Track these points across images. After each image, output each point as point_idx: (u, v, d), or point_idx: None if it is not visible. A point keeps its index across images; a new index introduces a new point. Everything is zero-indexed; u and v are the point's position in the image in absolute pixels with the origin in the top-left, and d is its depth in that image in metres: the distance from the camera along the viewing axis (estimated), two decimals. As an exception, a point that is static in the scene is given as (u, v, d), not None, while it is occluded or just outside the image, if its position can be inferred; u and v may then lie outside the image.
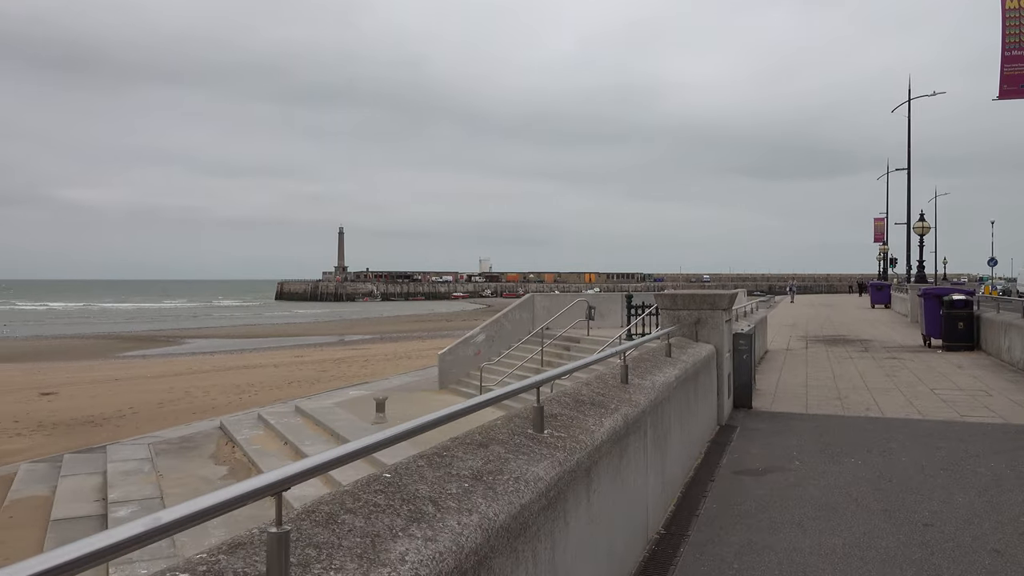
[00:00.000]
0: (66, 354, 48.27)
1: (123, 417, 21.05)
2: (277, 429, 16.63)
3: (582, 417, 4.31)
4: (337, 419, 17.04)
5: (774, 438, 8.90)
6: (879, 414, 10.38)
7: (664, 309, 9.81)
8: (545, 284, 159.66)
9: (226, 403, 22.78)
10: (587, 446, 3.86)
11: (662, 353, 7.53)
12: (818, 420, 9.95)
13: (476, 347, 24.29)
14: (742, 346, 10.65)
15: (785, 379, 14.03)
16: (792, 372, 15.06)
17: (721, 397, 9.70)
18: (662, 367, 6.76)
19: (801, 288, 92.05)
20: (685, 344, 8.79)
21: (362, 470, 6.73)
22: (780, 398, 11.85)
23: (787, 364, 16.48)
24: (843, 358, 17.58)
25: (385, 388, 22.46)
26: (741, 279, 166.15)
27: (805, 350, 19.64)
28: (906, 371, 15.05)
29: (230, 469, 15.10)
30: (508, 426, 3.74)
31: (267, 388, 25.85)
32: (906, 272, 42.84)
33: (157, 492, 13.47)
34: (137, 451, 16.39)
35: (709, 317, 9.63)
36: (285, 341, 55.77)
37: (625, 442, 4.70)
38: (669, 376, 6.48)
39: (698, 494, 6.63)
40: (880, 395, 12.05)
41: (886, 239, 64.54)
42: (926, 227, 32.54)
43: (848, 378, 14.12)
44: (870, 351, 19.21)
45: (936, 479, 7.03)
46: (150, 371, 34.77)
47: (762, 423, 9.84)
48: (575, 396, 4.82)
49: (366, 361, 35.64)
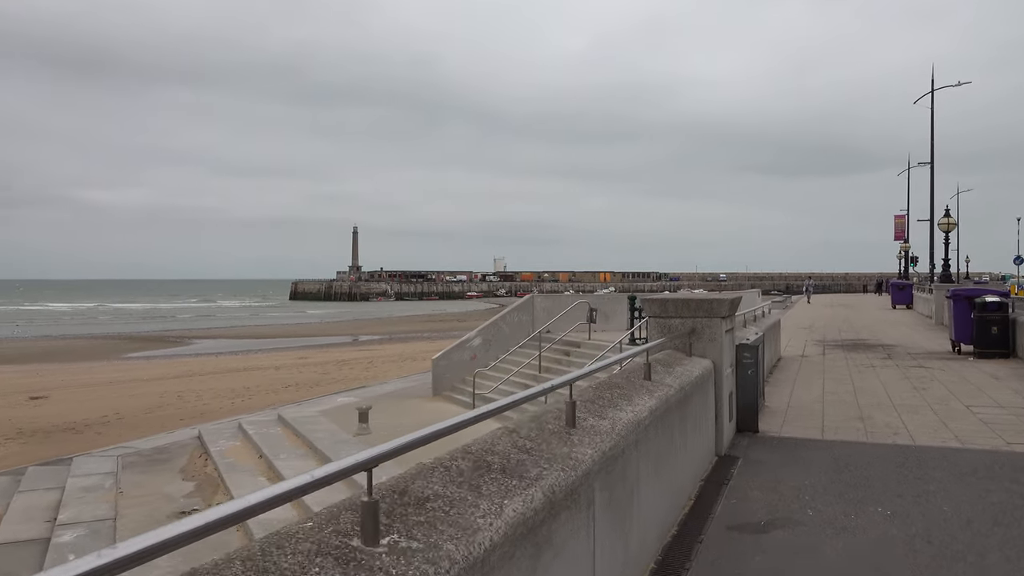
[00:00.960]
0: (71, 355, 48.04)
1: (106, 424, 20.12)
2: (255, 440, 15.63)
3: (471, 500, 2.79)
4: (318, 430, 16.20)
5: (783, 474, 7.33)
6: (909, 440, 8.77)
7: (653, 317, 8.26)
8: (560, 283, 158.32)
9: (217, 408, 21.94)
10: (457, 565, 2.34)
11: (639, 375, 6.00)
12: (836, 449, 8.36)
13: (472, 351, 23.38)
14: (747, 360, 9.08)
15: (798, 394, 12.41)
16: (807, 385, 13.44)
17: (720, 422, 8.14)
18: (634, 397, 5.23)
19: (818, 287, 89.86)
20: (674, 360, 7.24)
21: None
22: (792, 418, 10.26)
23: (801, 374, 14.87)
24: (864, 367, 15.95)
25: (377, 394, 21.73)
26: (758, 278, 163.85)
27: (822, 357, 18.00)
28: (936, 383, 13.41)
29: (197, 485, 13.96)
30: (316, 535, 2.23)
31: (263, 392, 24.99)
32: (929, 271, 40.94)
33: (112, 512, 12.33)
34: (103, 464, 15.35)
35: (706, 327, 8.07)
36: (292, 342, 55.17)
37: (547, 529, 3.15)
38: (641, 410, 4.94)
39: (678, 565, 5.07)
40: (908, 414, 10.43)
41: (907, 237, 62.46)
42: (951, 223, 30.57)
43: (870, 392, 12.50)
44: (894, 358, 17.56)
45: (989, 539, 5.44)
46: (149, 373, 34.12)
47: (769, 452, 8.27)
48: (481, 454, 3.31)
49: (370, 363, 34.65)
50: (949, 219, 30.71)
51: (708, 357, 8.03)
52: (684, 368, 7.01)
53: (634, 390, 5.47)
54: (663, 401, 5.56)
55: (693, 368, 7.19)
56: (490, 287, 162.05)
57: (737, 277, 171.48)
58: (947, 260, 30.87)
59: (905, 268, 60.20)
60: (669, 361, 7.08)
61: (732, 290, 56.86)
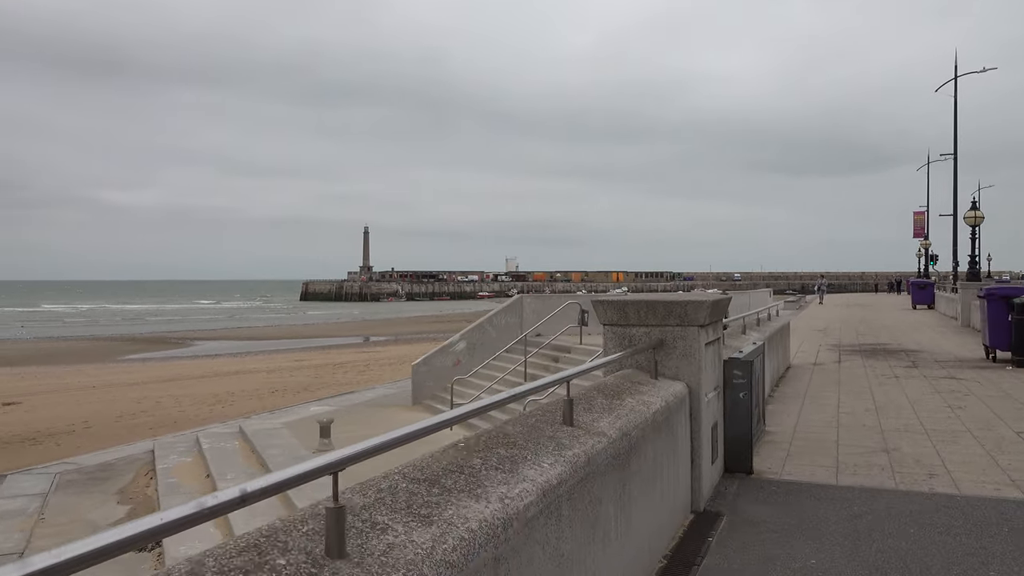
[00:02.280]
0: (67, 357, 47.37)
1: (71, 433, 18.95)
2: (207, 457, 14.52)
3: None
4: (275, 445, 15.15)
5: (781, 545, 5.24)
6: (951, 487, 6.63)
7: (608, 325, 6.19)
8: (572, 283, 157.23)
9: (193, 415, 20.96)
10: None
11: (556, 418, 3.95)
12: (856, 501, 6.22)
13: (456, 356, 21.88)
14: (738, 379, 6.98)
15: (808, 414, 10.26)
16: (818, 401, 11.28)
17: (698, 466, 6.04)
18: (526, 462, 3.18)
19: (832, 287, 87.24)
20: (627, 387, 5.16)
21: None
22: (798, 450, 8.14)
23: (813, 387, 12.71)
24: (886, 377, 13.78)
25: (354, 403, 20.40)
26: (773, 277, 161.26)
27: (837, 365, 15.84)
28: (973, 399, 11.25)
29: (131, 510, 12.39)
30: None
31: (245, 398, 23.90)
32: (952, 268, 38.58)
33: (24, 543, 10.83)
34: (38, 483, 14.18)
35: (678, 338, 5.99)
36: (295, 343, 54.67)
37: None
38: (526, 492, 2.90)
39: None
40: (946, 444, 8.29)
41: (927, 233, 59.94)
42: (979, 216, 27.97)
43: (895, 411, 10.35)
44: (920, 366, 15.37)
45: None
46: (137, 377, 33.29)
47: (765, 506, 6.16)
48: None
49: (367, 366, 33.55)
50: (977, 212, 28.16)
51: (681, 379, 5.95)
52: (639, 399, 4.93)
53: (536, 447, 3.41)
54: (581, 465, 3.49)
55: (654, 398, 5.12)
56: (502, 287, 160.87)
57: (752, 277, 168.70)
58: (974, 256, 28.42)
59: (925, 266, 57.71)
60: (617, 390, 5.00)
61: (746, 290, 54.68)
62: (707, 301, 5.99)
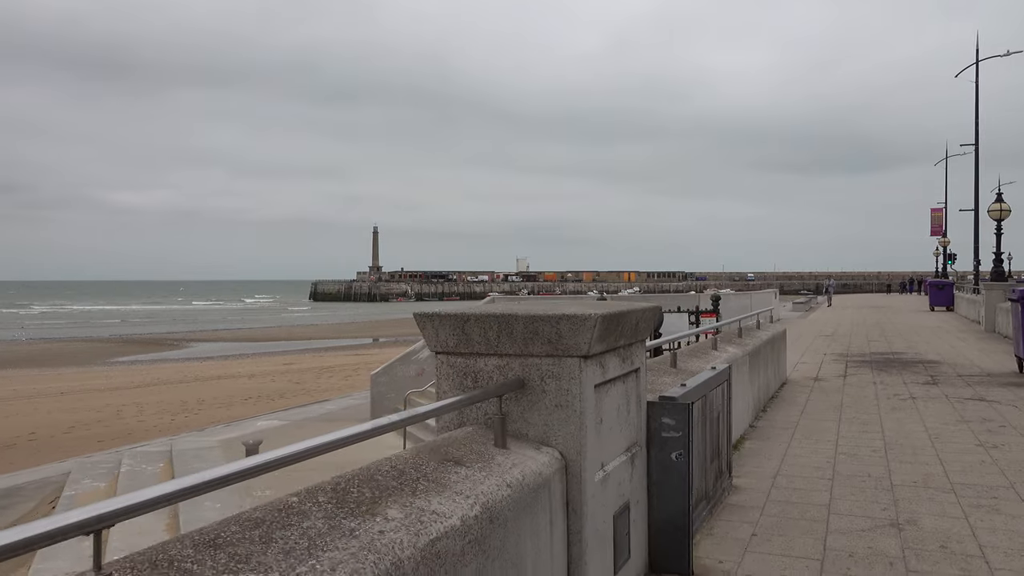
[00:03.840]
0: (54, 360, 46.17)
1: (12, 447, 17.70)
2: (120, 483, 13.10)
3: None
4: (194, 470, 12.44)
5: None
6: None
7: (441, 354, 3.80)
8: (584, 283, 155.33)
9: (152, 426, 19.79)
10: None
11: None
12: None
13: (419, 365, 20.01)
14: (669, 432, 4.54)
15: (795, 457, 7.78)
16: (812, 436, 8.79)
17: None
18: None
19: (847, 287, 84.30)
20: (432, 467, 2.79)
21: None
22: (771, 524, 5.68)
23: (808, 414, 10.22)
24: (900, 399, 11.29)
25: (306, 417, 18.91)
26: (787, 277, 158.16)
27: (842, 380, 13.33)
28: (1012, 433, 8.75)
29: None
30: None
31: (215, 406, 22.81)
32: (973, 267, 35.89)
33: None
34: None
35: (548, 375, 3.59)
36: (291, 345, 53.83)
37: None
38: None
39: None
40: (985, 514, 5.82)
41: (945, 231, 56.96)
42: (1005, 210, 25.14)
43: (911, 453, 7.87)
44: (940, 383, 12.86)
45: None
46: (114, 381, 32.28)
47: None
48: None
49: (355, 370, 32.15)
50: (1002, 204, 25.36)
51: (552, 444, 3.56)
52: (448, 491, 2.55)
53: None
54: None
55: (487, 483, 2.73)
56: (512, 287, 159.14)
57: (766, 276, 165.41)
58: (999, 254, 25.69)
59: (944, 265, 54.84)
60: (418, 471, 2.62)
61: (761, 289, 51.98)
62: (595, 315, 3.55)
